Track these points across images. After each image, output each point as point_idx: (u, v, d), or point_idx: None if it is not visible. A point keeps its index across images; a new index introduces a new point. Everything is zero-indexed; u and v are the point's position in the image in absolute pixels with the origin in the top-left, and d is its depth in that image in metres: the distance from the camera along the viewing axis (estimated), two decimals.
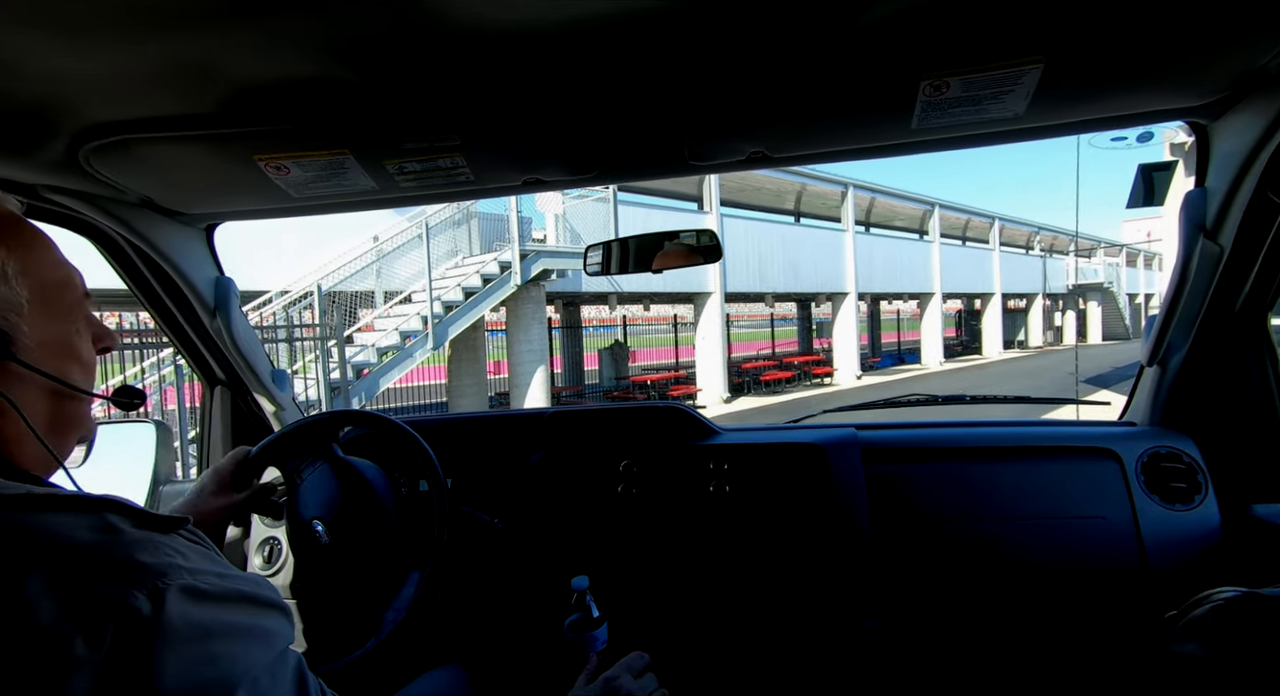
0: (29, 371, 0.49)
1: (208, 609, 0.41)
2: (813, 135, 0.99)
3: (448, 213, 9.04)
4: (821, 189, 15.84)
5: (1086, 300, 27.78)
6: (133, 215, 1.09)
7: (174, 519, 0.47)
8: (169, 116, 0.79)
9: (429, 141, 0.89)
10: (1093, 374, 11.93)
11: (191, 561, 0.43)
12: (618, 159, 1.04)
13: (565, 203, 9.88)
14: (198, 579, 0.42)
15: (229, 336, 1.31)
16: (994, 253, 22.48)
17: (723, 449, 1.37)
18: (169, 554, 0.42)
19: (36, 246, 0.52)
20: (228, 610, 0.43)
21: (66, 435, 0.55)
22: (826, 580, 1.25)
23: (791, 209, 17.99)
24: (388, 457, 1.32)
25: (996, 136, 0.99)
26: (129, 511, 0.44)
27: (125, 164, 0.90)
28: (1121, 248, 22.69)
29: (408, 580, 1.05)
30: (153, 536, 0.43)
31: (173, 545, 0.44)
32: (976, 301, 24.37)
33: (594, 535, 1.35)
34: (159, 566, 0.41)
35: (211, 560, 0.46)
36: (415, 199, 1.14)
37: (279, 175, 0.96)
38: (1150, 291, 31.82)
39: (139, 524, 0.44)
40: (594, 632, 1.06)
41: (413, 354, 7.85)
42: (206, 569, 0.44)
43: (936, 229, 19.44)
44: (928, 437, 1.38)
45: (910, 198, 18.44)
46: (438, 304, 8.07)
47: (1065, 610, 1.20)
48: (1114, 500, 1.21)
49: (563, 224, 9.96)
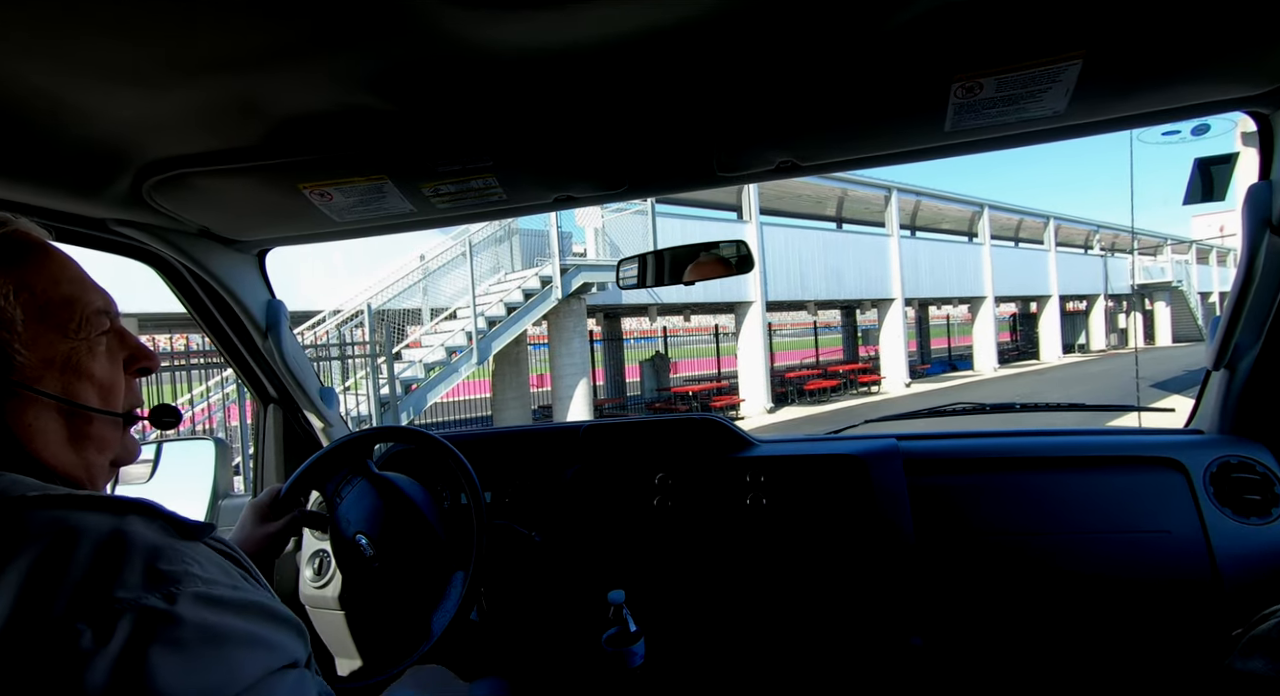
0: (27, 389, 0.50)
1: (218, 614, 0.43)
2: (842, 141, 0.97)
3: (490, 230, 9.25)
4: (864, 194, 15.54)
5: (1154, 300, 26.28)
6: (191, 244, 1.16)
7: (200, 526, 0.48)
8: (221, 150, 0.84)
9: (462, 164, 0.92)
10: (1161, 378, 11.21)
11: (207, 571, 0.45)
12: (646, 173, 1.05)
13: (604, 216, 9.98)
14: (210, 587, 0.43)
15: (279, 356, 1.36)
16: (1049, 253, 21.54)
17: (759, 461, 1.35)
18: (186, 561, 0.44)
19: (35, 266, 0.52)
20: (238, 618, 0.44)
21: (87, 452, 0.54)
22: (870, 595, 1.21)
23: (833, 215, 17.71)
24: (428, 472, 1.33)
25: (1036, 136, 0.94)
26: (154, 514, 0.46)
27: (184, 196, 0.96)
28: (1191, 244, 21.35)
29: (452, 581, 1.07)
30: (174, 543, 0.45)
31: (192, 553, 0.45)
32: (1032, 304, 23.38)
33: (630, 549, 1.34)
34: (174, 573, 0.42)
35: (227, 571, 0.47)
36: (451, 219, 1.18)
37: (323, 201, 1.00)
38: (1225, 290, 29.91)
39: (162, 529, 0.45)
40: (631, 647, 1.06)
41: (458, 369, 8.03)
42: (220, 579, 0.45)
43: (986, 230, 18.77)
44: (974, 448, 1.33)
45: (958, 199, 17.88)
46: (481, 319, 8.24)
47: (1128, 628, 1.13)
48: (1180, 513, 1.14)
49: (602, 237, 10.06)
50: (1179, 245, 27.52)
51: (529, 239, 9.83)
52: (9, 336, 0.49)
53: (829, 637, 1.24)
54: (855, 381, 15.98)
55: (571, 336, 9.99)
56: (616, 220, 10.11)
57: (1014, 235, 22.68)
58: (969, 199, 18.19)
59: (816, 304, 15.47)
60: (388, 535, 1.06)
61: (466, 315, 8.30)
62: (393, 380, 7.35)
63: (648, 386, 14.54)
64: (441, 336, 8.21)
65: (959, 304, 20.88)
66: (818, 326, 19.35)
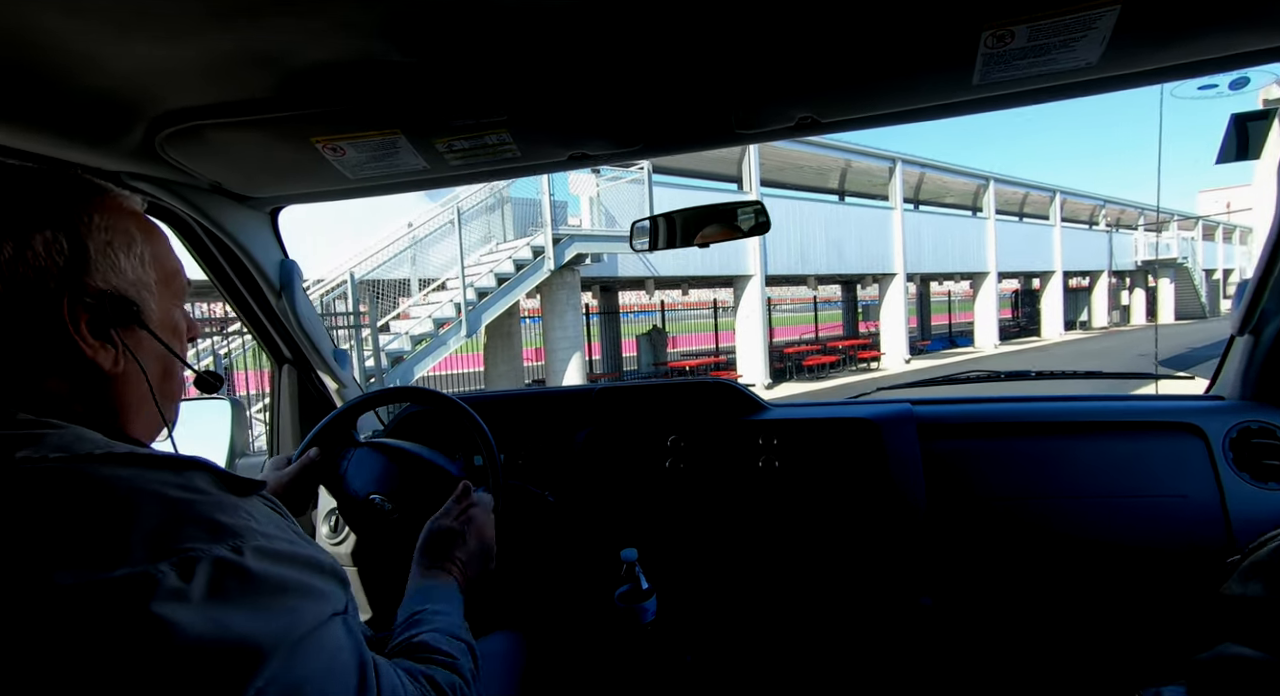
0: (152, 342, 0.56)
1: (279, 567, 0.46)
2: (865, 96, 0.93)
3: (481, 195, 8.94)
4: (867, 165, 15.17)
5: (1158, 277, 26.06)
6: (205, 200, 1.16)
7: (252, 482, 0.52)
8: (233, 102, 0.83)
9: (475, 118, 0.91)
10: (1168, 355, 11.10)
11: (264, 526, 0.48)
12: (662, 129, 1.02)
13: (600, 185, 9.67)
14: (271, 541, 0.47)
15: (294, 316, 1.38)
16: (1054, 228, 21.24)
17: (772, 424, 1.35)
18: (244, 516, 0.47)
19: (159, 236, 0.59)
20: (295, 570, 0.47)
21: (169, 405, 0.61)
22: (880, 557, 1.24)
23: (835, 188, 17.37)
24: (440, 436, 1.35)
25: (1067, 90, 0.91)
26: (213, 472, 0.49)
27: (196, 150, 0.96)
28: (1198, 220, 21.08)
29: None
30: (233, 499, 0.48)
31: (248, 508, 0.49)
32: (1035, 280, 23.16)
33: (643, 509, 1.37)
34: (236, 527, 0.46)
35: (280, 526, 0.51)
36: (464, 177, 1.16)
37: (336, 156, 0.99)
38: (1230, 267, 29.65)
39: (221, 485, 0.49)
40: (643, 603, 1.09)
41: (446, 341, 7.81)
42: (276, 534, 0.49)
43: (991, 205, 18.46)
44: (990, 412, 1.34)
45: (963, 172, 17.50)
46: (471, 290, 7.98)
47: (1140, 591, 1.16)
48: (1197, 478, 1.15)
49: (597, 206, 9.75)
50: (1185, 221, 27.22)
51: (522, 208, 9.52)
52: (148, 295, 0.56)
53: (839, 597, 1.28)
54: (854, 357, 15.83)
55: (565, 309, 9.75)
56: (612, 188, 9.79)
57: (1019, 210, 22.34)
58: (975, 172, 17.78)
59: (817, 278, 15.26)
60: (404, 489, 1.07)
61: (456, 286, 8.04)
62: (378, 352, 7.13)
63: (644, 361, 14.39)
64: (430, 308, 7.96)
65: (961, 279, 20.66)
66: (818, 301, 19.16)
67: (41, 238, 0.49)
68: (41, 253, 0.49)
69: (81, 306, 0.51)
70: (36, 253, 0.49)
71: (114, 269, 0.53)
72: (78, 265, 0.51)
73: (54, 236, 0.50)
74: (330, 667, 0.47)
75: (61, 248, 0.50)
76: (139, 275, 0.55)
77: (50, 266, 0.50)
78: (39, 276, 0.49)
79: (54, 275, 0.50)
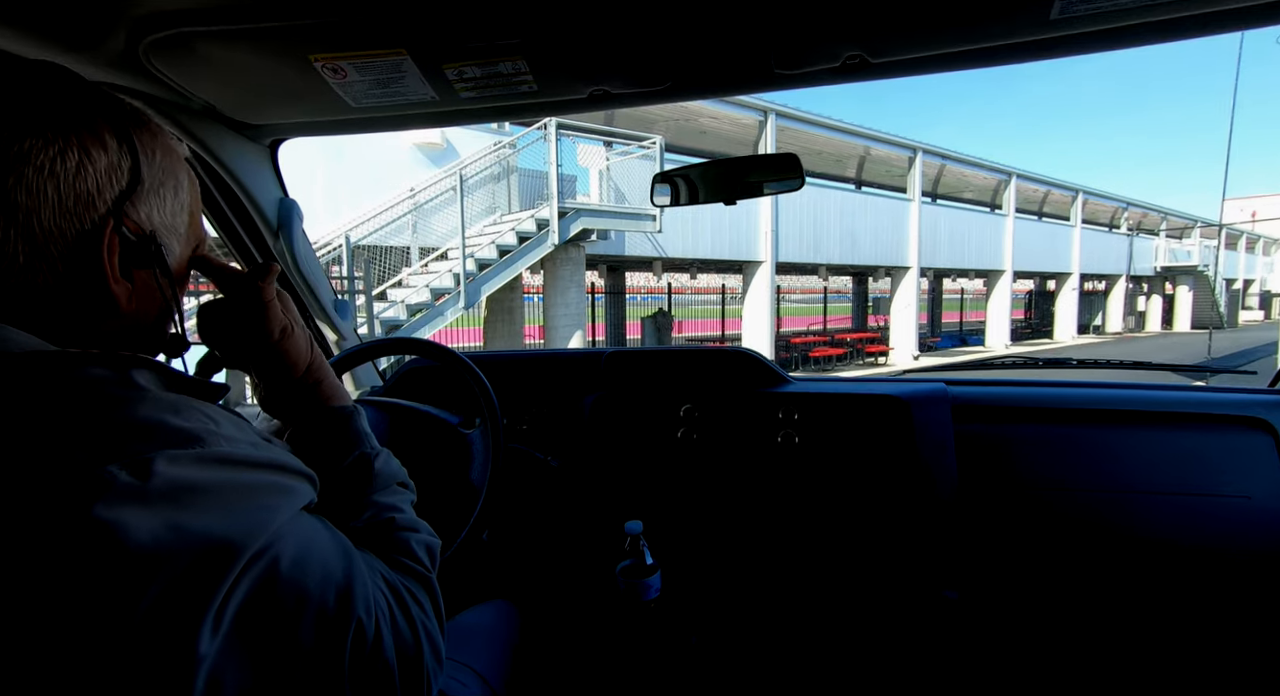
0: (156, 287, 0.53)
1: (245, 471, 0.43)
2: (925, 30, 0.82)
3: (485, 165, 8.66)
4: (886, 154, 14.79)
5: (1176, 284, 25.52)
6: (199, 126, 1.08)
7: (213, 386, 0.49)
8: (223, 5, 0.76)
9: (488, 40, 0.84)
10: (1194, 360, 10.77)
11: (225, 429, 0.44)
12: (693, 67, 0.93)
13: (609, 159, 9.37)
14: (235, 446, 0.43)
15: (291, 258, 1.30)
16: (1074, 229, 20.76)
17: (794, 397, 1.28)
18: (202, 420, 0.43)
19: (196, 184, 0.58)
20: (262, 473, 0.45)
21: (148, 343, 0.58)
22: (904, 544, 1.19)
23: (853, 176, 16.97)
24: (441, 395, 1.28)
25: (1158, 29, 0.79)
26: (162, 371, 0.46)
27: (186, 63, 0.89)
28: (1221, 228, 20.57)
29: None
30: (189, 400, 0.44)
31: (206, 411, 0.45)
32: (1050, 282, 22.71)
33: (651, 480, 1.32)
34: (194, 431, 0.42)
35: (244, 430, 0.47)
36: (477, 113, 1.08)
37: (337, 79, 0.92)
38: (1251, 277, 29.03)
39: (174, 385, 0.46)
40: (647, 579, 1.04)
41: (443, 312, 7.58)
42: (239, 437, 0.45)
43: (1012, 201, 18.01)
44: (1031, 396, 1.26)
45: (985, 166, 17.02)
46: (471, 261, 7.73)
47: (1194, 596, 1.07)
48: (1263, 477, 1.08)
49: (606, 180, 9.45)
50: (1208, 227, 26.61)
51: (529, 179, 9.24)
52: (176, 241, 0.54)
53: (856, 584, 1.22)
54: (862, 351, 15.55)
55: (568, 286, 9.50)
56: (623, 163, 9.49)
57: (1038, 208, 21.83)
58: (997, 166, 17.31)
59: (829, 268, 14.95)
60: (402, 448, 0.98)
61: (456, 256, 7.80)
62: (371, 319, 6.92)
63: (648, 344, 14.17)
64: (429, 276, 7.72)
65: (975, 276, 20.26)
66: (828, 292, 18.85)
67: (106, 160, 0.47)
68: (103, 172, 0.47)
69: (120, 237, 0.48)
70: (99, 170, 0.47)
71: (160, 208, 0.52)
72: (129, 195, 0.49)
73: (118, 162, 0.48)
74: (310, 552, 0.45)
75: (122, 174, 0.49)
76: (176, 220, 0.54)
77: (106, 189, 0.47)
78: (89, 198, 0.46)
79: (106, 200, 0.48)
